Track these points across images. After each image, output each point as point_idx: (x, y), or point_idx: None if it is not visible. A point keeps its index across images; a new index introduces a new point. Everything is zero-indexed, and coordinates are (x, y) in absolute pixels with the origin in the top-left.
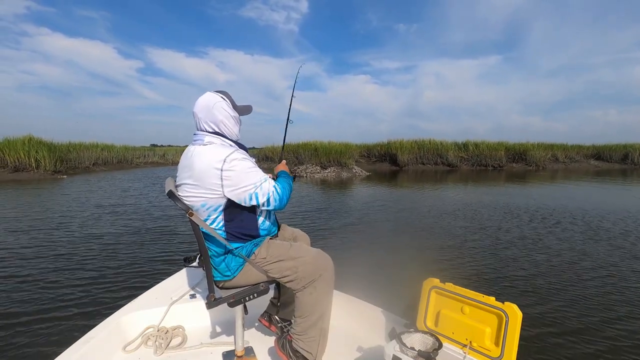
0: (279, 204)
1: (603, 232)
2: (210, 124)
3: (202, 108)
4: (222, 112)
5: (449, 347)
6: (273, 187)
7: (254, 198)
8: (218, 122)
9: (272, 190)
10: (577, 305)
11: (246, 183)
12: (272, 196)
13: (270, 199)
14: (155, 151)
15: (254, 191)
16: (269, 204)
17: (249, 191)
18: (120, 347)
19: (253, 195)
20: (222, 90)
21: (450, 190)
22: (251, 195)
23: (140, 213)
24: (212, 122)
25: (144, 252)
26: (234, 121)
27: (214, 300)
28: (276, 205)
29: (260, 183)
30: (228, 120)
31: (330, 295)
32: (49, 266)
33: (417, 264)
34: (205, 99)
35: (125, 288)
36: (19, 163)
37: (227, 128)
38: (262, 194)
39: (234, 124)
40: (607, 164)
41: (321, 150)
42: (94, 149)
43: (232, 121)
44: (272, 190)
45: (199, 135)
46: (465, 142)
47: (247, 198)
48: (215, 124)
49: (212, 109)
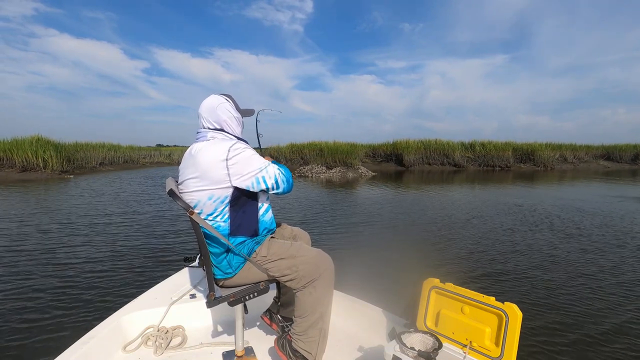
0: (287, 185)
1: (605, 232)
2: (214, 123)
3: (207, 109)
4: (225, 112)
5: (449, 347)
6: (278, 170)
7: (262, 182)
8: (221, 121)
9: (278, 173)
10: (578, 306)
11: (252, 168)
12: (279, 178)
13: (278, 181)
14: (161, 151)
15: (260, 175)
16: (278, 187)
17: (256, 175)
18: (120, 347)
19: (260, 179)
20: (226, 93)
21: (456, 190)
22: (258, 179)
23: (141, 213)
24: (215, 122)
25: (144, 252)
26: (236, 122)
27: (214, 299)
28: (285, 187)
29: (266, 167)
30: (231, 120)
31: (330, 295)
32: (49, 266)
33: (418, 263)
34: (209, 101)
35: (125, 288)
36: (26, 163)
37: (229, 128)
38: (268, 177)
39: (236, 124)
40: (617, 164)
41: (327, 151)
42: (100, 149)
43: (235, 122)
44: (277, 172)
45: (202, 132)
46: (471, 142)
47: (254, 182)
48: (219, 124)
49: (216, 109)
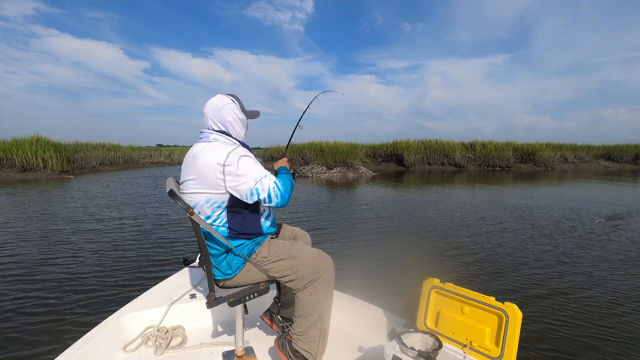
0: (280, 200)
1: (607, 233)
2: (218, 123)
3: (212, 108)
4: (231, 113)
5: (449, 347)
6: (274, 183)
7: (255, 194)
8: (226, 122)
9: (273, 186)
10: (578, 306)
11: (247, 178)
12: (272, 192)
13: (271, 195)
14: (161, 151)
15: (254, 186)
16: (270, 200)
17: (250, 187)
18: (120, 347)
19: (254, 191)
20: (233, 93)
21: (456, 191)
22: (252, 190)
23: (142, 213)
24: (220, 122)
25: (144, 252)
26: (241, 123)
27: (214, 299)
28: (278, 202)
29: (261, 178)
30: (236, 122)
31: (330, 295)
32: (49, 266)
33: (418, 263)
34: (216, 100)
35: (125, 288)
36: (26, 163)
37: (234, 129)
38: (262, 189)
39: (241, 126)
40: (618, 164)
41: (327, 151)
42: (100, 149)
43: (239, 123)
44: (272, 186)
45: (205, 133)
46: (472, 142)
47: (248, 194)
48: (223, 124)
49: (221, 109)
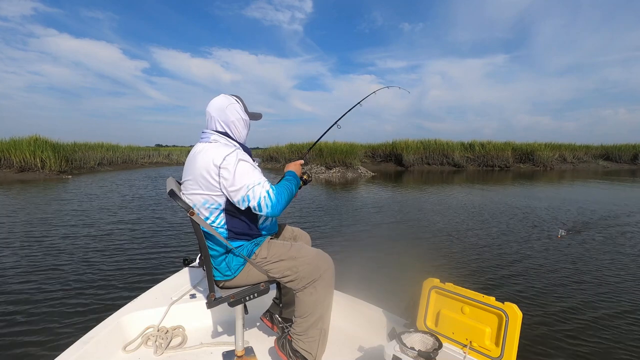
0: (270, 210)
1: (609, 233)
2: (222, 123)
3: (216, 108)
4: (234, 114)
5: (449, 347)
6: (266, 192)
7: (246, 200)
8: (229, 122)
9: (264, 196)
10: (578, 306)
11: (239, 184)
12: (263, 201)
13: (261, 204)
14: (160, 151)
15: (245, 193)
16: (260, 209)
17: (241, 193)
18: (120, 347)
19: (245, 198)
20: (236, 94)
21: (455, 191)
22: (243, 197)
23: (142, 213)
24: (223, 122)
25: (144, 252)
26: (243, 124)
27: (214, 299)
28: (268, 211)
29: (253, 186)
30: (239, 122)
31: (330, 295)
32: (49, 266)
33: (418, 263)
34: (219, 100)
35: (125, 288)
36: (24, 163)
37: (236, 130)
38: (252, 197)
39: (243, 126)
40: (616, 164)
41: (326, 151)
42: (99, 149)
43: (242, 124)
44: (264, 196)
45: (207, 133)
46: (471, 142)
47: (240, 200)
48: (226, 124)
49: (225, 109)
